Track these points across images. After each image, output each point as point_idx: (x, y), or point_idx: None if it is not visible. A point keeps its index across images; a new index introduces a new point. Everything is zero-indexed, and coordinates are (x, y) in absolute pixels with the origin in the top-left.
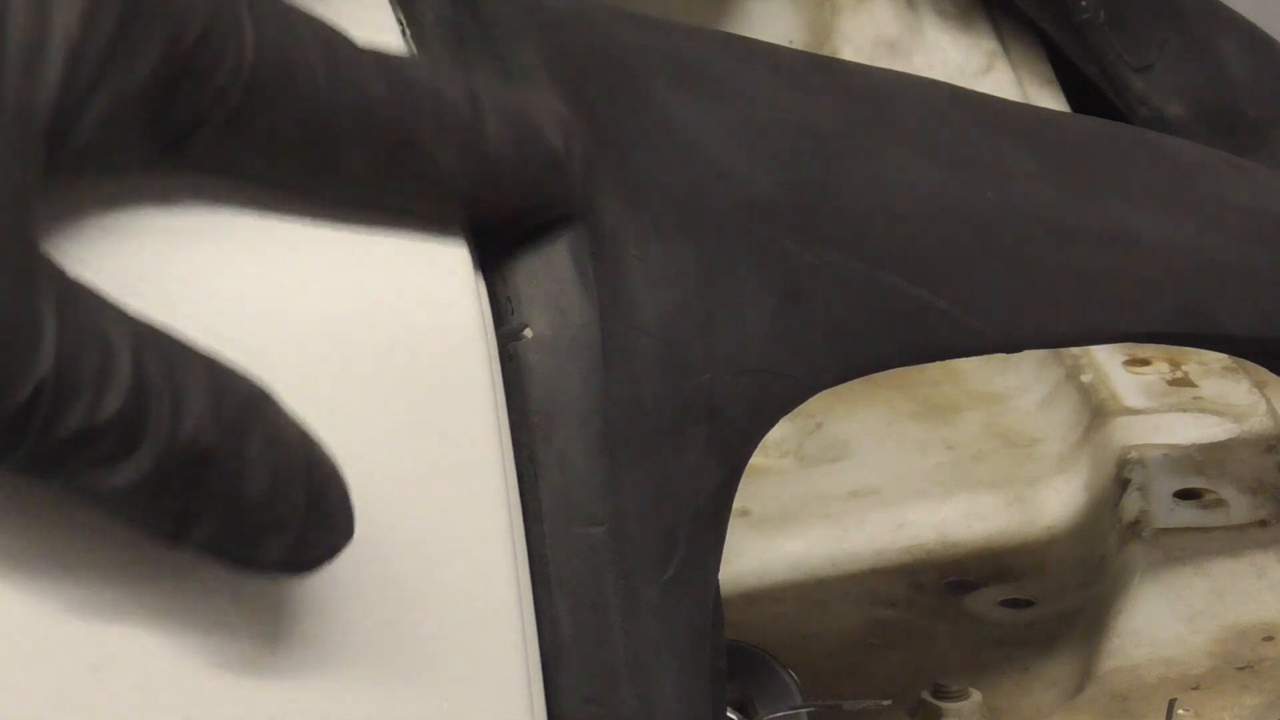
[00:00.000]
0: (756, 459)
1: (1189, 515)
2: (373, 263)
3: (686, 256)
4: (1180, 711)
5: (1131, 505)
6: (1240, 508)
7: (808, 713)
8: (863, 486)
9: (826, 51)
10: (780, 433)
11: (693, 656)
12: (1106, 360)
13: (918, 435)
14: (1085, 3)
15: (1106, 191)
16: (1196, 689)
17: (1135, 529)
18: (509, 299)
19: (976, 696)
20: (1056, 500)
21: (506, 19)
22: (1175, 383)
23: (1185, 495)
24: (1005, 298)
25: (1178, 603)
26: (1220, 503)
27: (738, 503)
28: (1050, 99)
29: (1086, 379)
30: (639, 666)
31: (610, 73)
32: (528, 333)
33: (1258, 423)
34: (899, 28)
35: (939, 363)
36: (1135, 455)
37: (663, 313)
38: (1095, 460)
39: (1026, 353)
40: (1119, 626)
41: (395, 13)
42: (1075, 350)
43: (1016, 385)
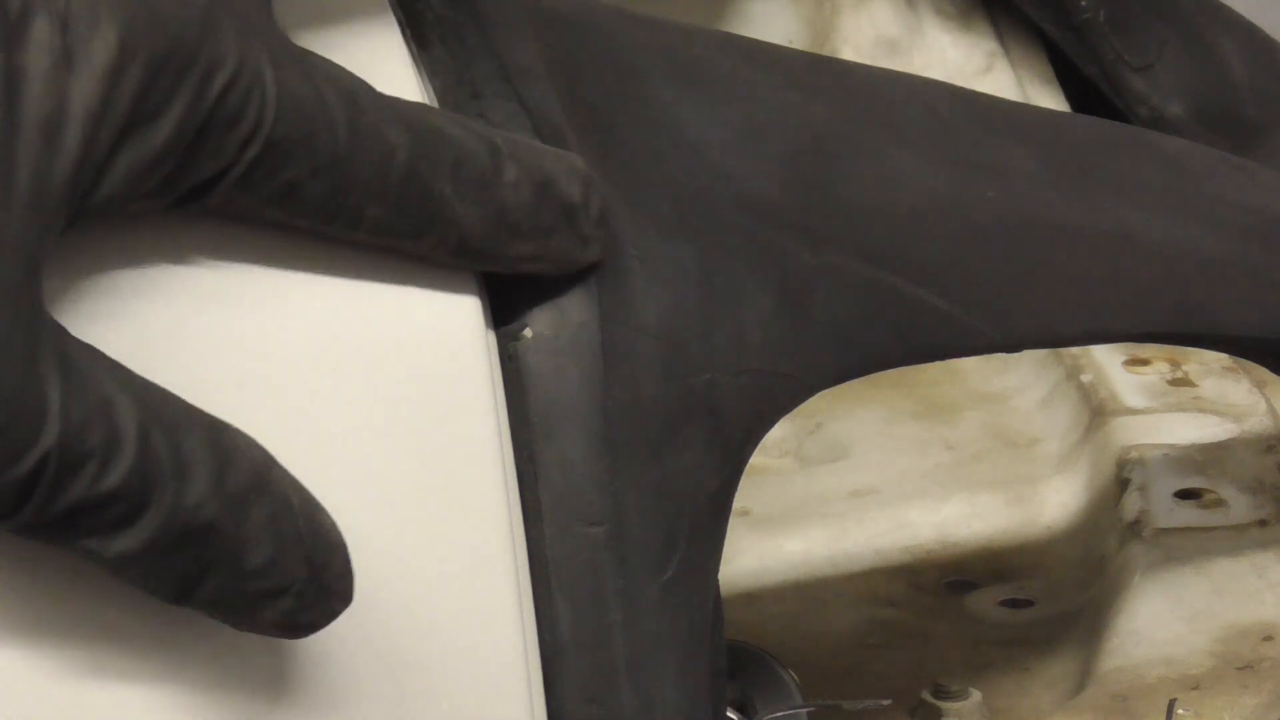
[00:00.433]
0: (756, 459)
1: (1189, 515)
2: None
3: (686, 256)
4: (1180, 711)
5: (1131, 505)
6: (1240, 508)
7: (808, 713)
8: (863, 486)
9: (826, 51)
10: (780, 433)
11: (693, 656)
12: (1106, 360)
13: (918, 435)
14: (1085, 3)
15: (1107, 192)
16: (1196, 689)
17: (1135, 529)
18: (509, 299)
19: (976, 696)
20: (1056, 500)
21: (506, 19)
22: (1175, 383)
23: (1185, 495)
24: (1005, 298)
25: (1178, 603)
26: (1220, 503)
27: (738, 503)
28: (1050, 99)
29: (1086, 379)
30: (639, 666)
31: (610, 73)
32: (527, 333)
33: (1258, 423)
34: (899, 28)
35: (939, 363)
36: (1135, 455)
37: (663, 313)
38: (1095, 460)
39: (1026, 353)
40: (1119, 626)
41: (395, 12)
42: (1075, 350)
43: (1016, 385)
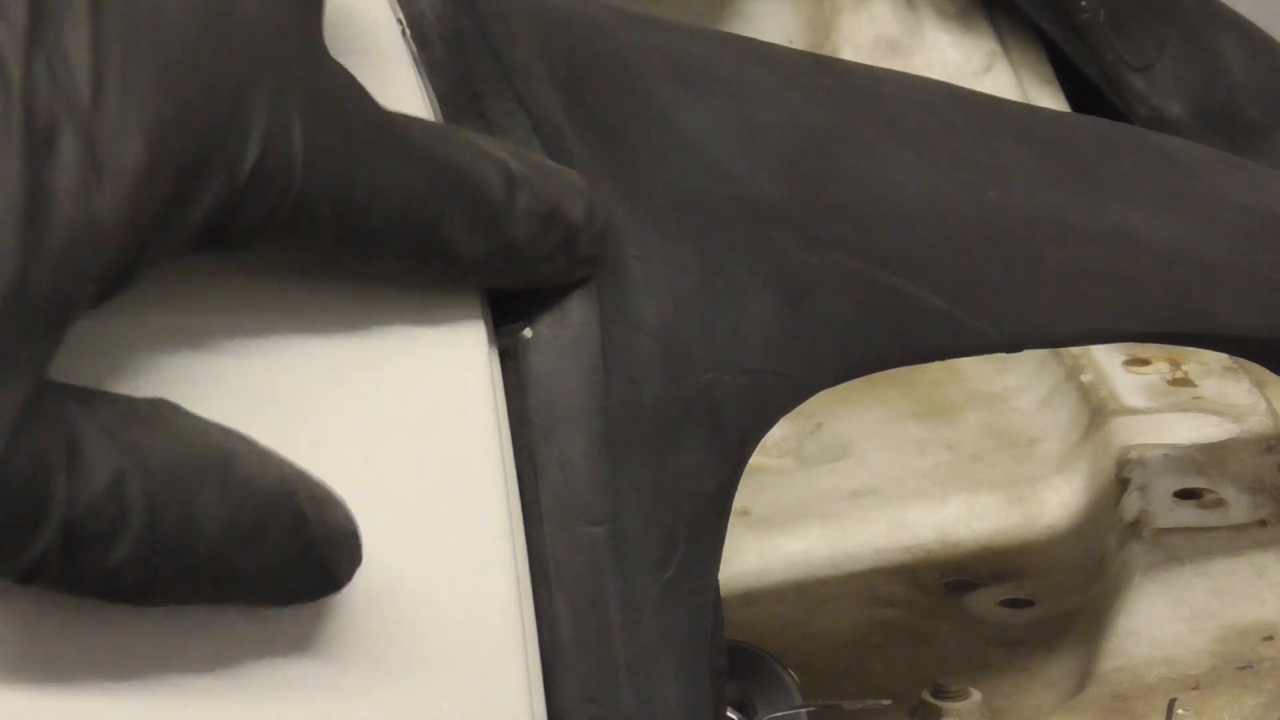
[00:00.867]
0: (756, 459)
1: (1189, 515)
2: None
3: (686, 256)
4: (1180, 711)
5: (1131, 505)
6: (1240, 508)
7: (808, 713)
8: (863, 486)
9: (826, 51)
10: (780, 433)
11: (693, 656)
12: (1106, 360)
13: (918, 435)
14: (1085, 3)
15: (1106, 191)
16: (1196, 689)
17: (1135, 529)
18: (509, 299)
19: (976, 696)
20: (1056, 500)
21: (506, 19)
22: (1175, 383)
23: (1185, 495)
24: (1005, 298)
25: (1178, 603)
26: (1220, 502)
27: (738, 503)
28: (1050, 99)
29: (1086, 379)
30: (639, 666)
31: (610, 73)
32: (527, 333)
33: (1258, 423)
34: (899, 28)
35: (939, 363)
36: (1135, 455)
37: (663, 313)
38: (1095, 460)
39: (1026, 353)
40: (1119, 626)
41: (395, 12)
42: (1075, 350)
43: (1016, 385)
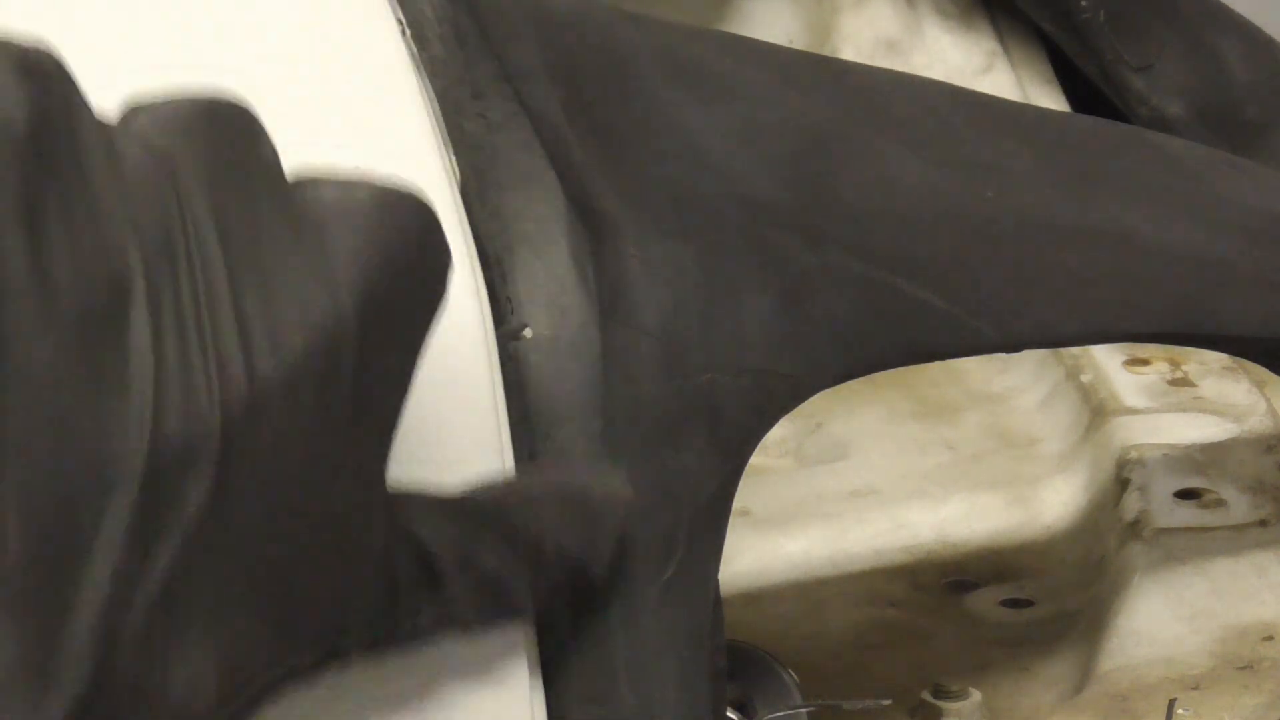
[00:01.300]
0: (756, 459)
1: (1189, 515)
2: None
3: (686, 256)
4: (1180, 711)
5: (1131, 505)
6: (1240, 508)
7: (808, 713)
8: (863, 486)
9: (826, 51)
10: (780, 433)
11: (693, 656)
12: (1106, 360)
13: (918, 435)
14: (1085, 3)
15: (1107, 191)
16: (1196, 689)
17: (1135, 529)
18: (509, 299)
19: (976, 696)
20: (1056, 500)
21: (506, 19)
22: (1175, 382)
23: (1185, 495)
24: (1005, 298)
25: (1178, 603)
26: (1220, 503)
27: (738, 503)
28: (1050, 99)
29: (1086, 379)
30: (639, 666)
31: (610, 73)
32: (527, 333)
33: (1258, 423)
34: (899, 28)
35: (939, 363)
36: (1135, 455)
37: (663, 313)
38: (1095, 460)
39: (1026, 353)
40: (1119, 626)
41: (395, 12)
42: (1075, 350)
43: (1016, 385)
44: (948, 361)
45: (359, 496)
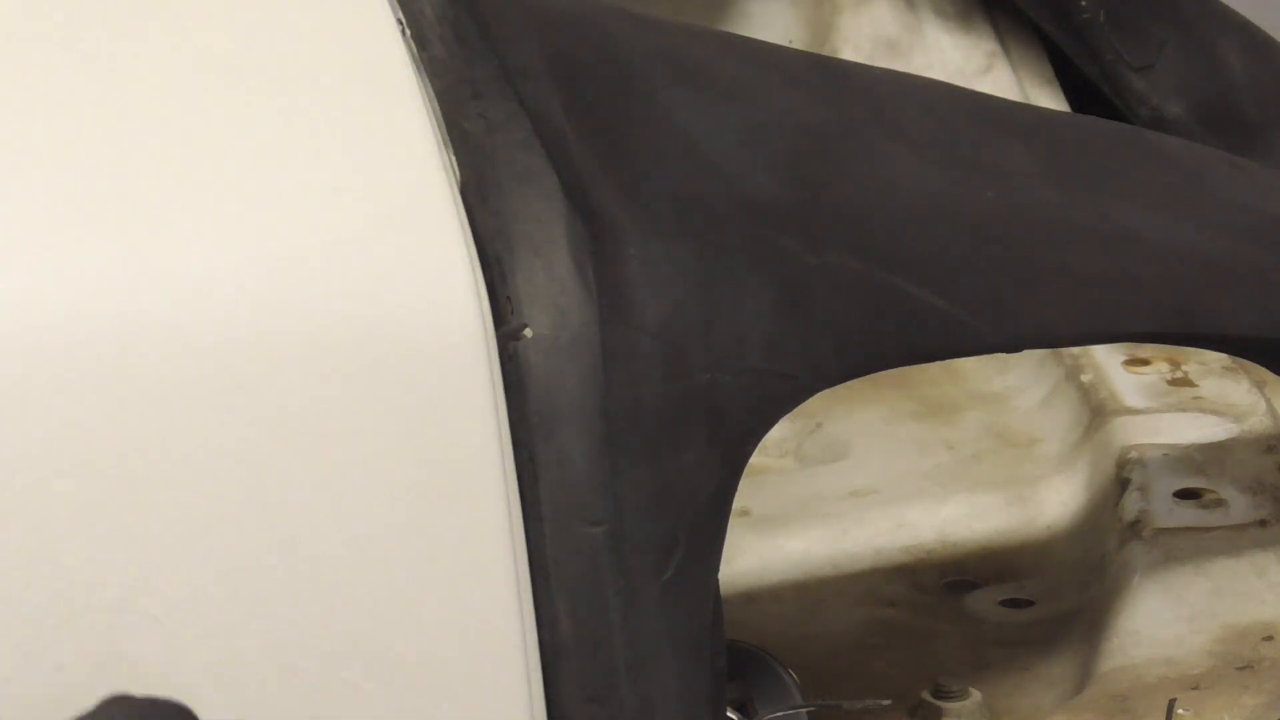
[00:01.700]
0: (756, 459)
1: (1189, 515)
2: (374, 264)
3: (686, 256)
4: (1180, 711)
5: (1131, 505)
6: (1240, 508)
7: (808, 713)
8: (863, 486)
9: (826, 51)
10: (780, 433)
11: (693, 656)
12: (1106, 360)
13: (918, 435)
14: (1085, 3)
15: (1106, 191)
16: (1196, 689)
17: (1135, 529)
18: (509, 299)
19: (976, 696)
20: (1056, 500)
21: (506, 18)
22: (1175, 383)
23: (1185, 495)
24: (1005, 298)
25: (1178, 603)
26: (1220, 502)
27: (738, 503)
28: (1050, 99)
29: (1086, 379)
30: (639, 666)
31: (610, 73)
32: (528, 333)
33: (1258, 423)
34: (899, 28)
35: (939, 363)
36: (1135, 455)
37: (663, 313)
38: (1095, 460)
39: (1026, 353)
40: (1119, 626)
41: (395, 12)
42: (1075, 350)
43: (1016, 385)
44: (948, 361)
45: None
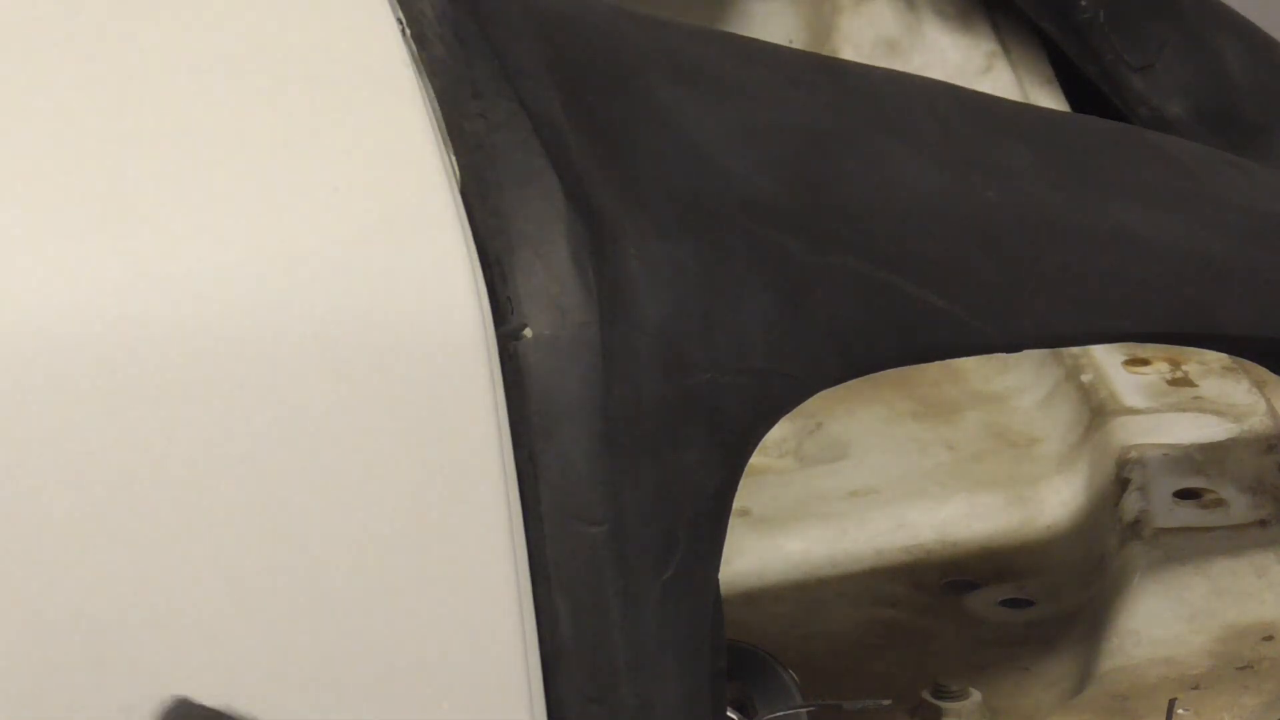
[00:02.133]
0: (756, 459)
1: (1189, 515)
2: (374, 263)
3: (686, 256)
4: (1180, 711)
5: (1131, 505)
6: (1240, 507)
7: (808, 713)
8: (863, 486)
9: (826, 51)
10: (780, 433)
11: (693, 656)
12: (1106, 360)
13: (918, 435)
14: (1085, 3)
15: (1107, 191)
16: (1196, 689)
17: (1135, 529)
18: (509, 299)
19: (976, 696)
20: (1056, 500)
21: (507, 18)
22: (1175, 383)
23: (1185, 495)
24: (1005, 298)
25: (1178, 603)
26: (1220, 502)
27: (738, 503)
28: (1050, 99)
29: (1086, 379)
30: (639, 666)
31: (610, 73)
32: (528, 333)
33: (1258, 423)
34: (899, 28)
35: (939, 363)
36: (1135, 455)
37: (663, 313)
38: (1095, 460)
39: (1026, 353)
40: (1119, 626)
41: (395, 12)
42: (1075, 350)
43: (1016, 385)
44: (948, 361)
45: None
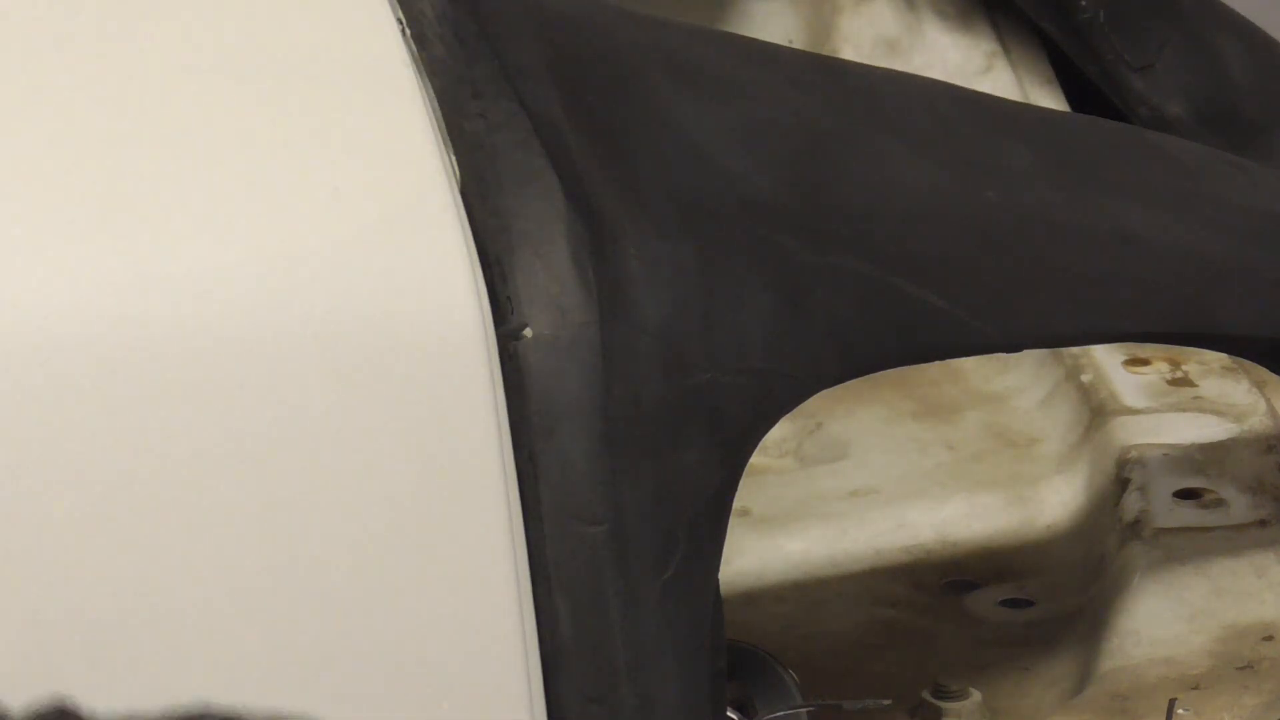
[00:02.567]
0: (756, 459)
1: (1189, 515)
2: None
3: (686, 256)
4: (1180, 711)
5: (1131, 505)
6: (1240, 507)
7: (808, 713)
8: (863, 486)
9: (826, 51)
10: (780, 433)
11: (693, 656)
12: (1106, 360)
13: (918, 435)
14: (1085, 3)
15: (1107, 191)
16: (1196, 689)
17: (1135, 529)
18: (509, 299)
19: (976, 696)
20: (1056, 500)
21: (507, 18)
22: (1175, 383)
23: (1185, 495)
24: (1006, 298)
25: (1178, 603)
26: (1220, 502)
27: (738, 503)
28: (1050, 99)
29: (1086, 379)
30: (639, 666)
31: (610, 73)
32: (528, 333)
33: (1258, 423)
34: (899, 28)
35: (939, 363)
36: (1135, 455)
37: (663, 312)
38: (1095, 460)
39: (1026, 353)
40: (1119, 626)
41: (395, 12)
42: (1075, 350)
43: (1016, 385)
44: (948, 361)
45: None
